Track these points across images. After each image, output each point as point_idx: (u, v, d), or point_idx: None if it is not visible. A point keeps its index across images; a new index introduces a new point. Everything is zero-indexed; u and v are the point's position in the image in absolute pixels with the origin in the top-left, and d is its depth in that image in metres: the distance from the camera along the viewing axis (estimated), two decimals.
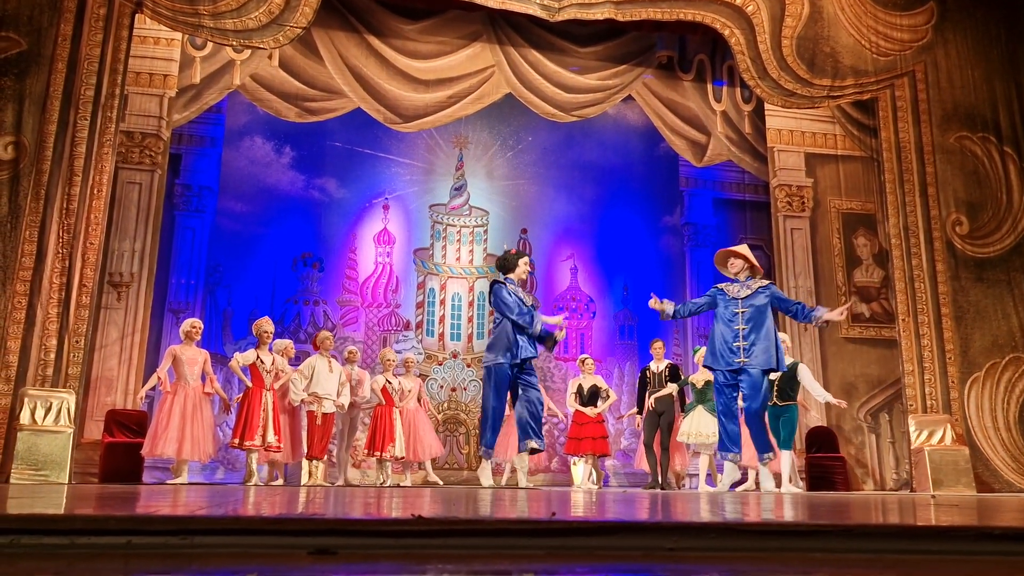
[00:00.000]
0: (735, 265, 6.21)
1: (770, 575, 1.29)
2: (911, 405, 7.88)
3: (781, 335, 7.43)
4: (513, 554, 1.40)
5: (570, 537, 1.44)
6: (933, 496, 4.94)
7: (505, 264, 6.35)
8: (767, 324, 5.98)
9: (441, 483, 8.30)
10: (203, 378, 7.04)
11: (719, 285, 6.31)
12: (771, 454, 6.12)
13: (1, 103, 6.68)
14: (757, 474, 6.74)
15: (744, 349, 5.94)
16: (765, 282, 6.21)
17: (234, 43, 7.94)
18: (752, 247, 10.35)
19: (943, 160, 8.40)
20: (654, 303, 6.31)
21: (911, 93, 8.58)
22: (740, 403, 6.17)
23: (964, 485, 7.24)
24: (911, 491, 7.64)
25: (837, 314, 6.20)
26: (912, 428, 7.66)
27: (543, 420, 6.72)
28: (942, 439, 7.47)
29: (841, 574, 1.33)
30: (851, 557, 1.43)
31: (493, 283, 6.35)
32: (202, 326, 7.25)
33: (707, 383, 7.83)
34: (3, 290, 6.39)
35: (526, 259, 6.37)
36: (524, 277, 6.36)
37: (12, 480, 5.89)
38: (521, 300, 6.19)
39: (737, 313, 6.04)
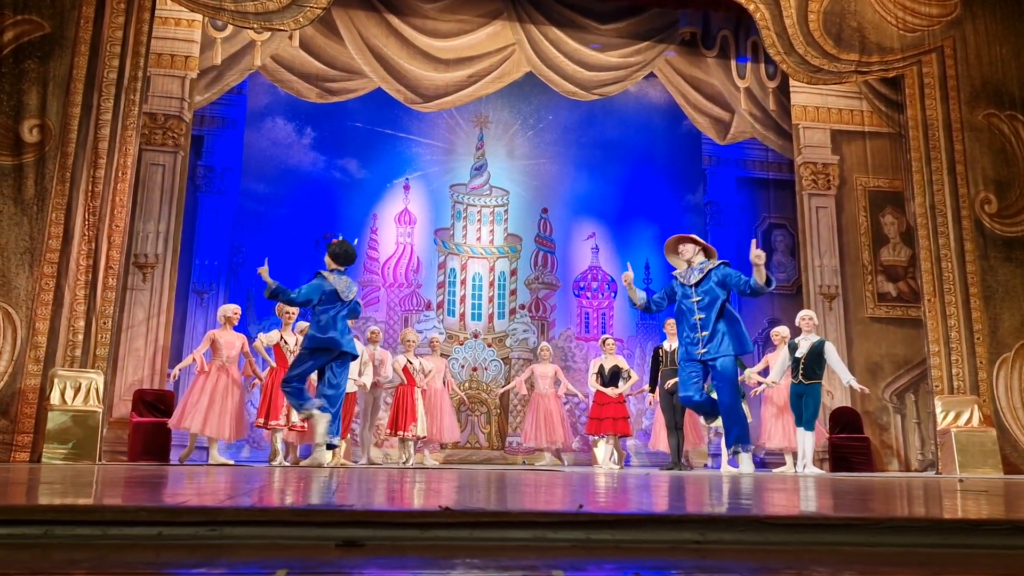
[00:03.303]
0: (686, 251, 5.76)
1: (800, 571, 1.28)
2: (937, 386, 7.80)
3: (806, 312, 7.39)
4: (541, 547, 1.40)
5: (597, 529, 1.43)
6: (960, 480, 4.90)
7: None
8: (724, 308, 5.59)
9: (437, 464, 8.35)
10: (240, 361, 7.11)
11: (675, 273, 5.87)
12: (749, 446, 5.78)
13: (25, 86, 6.72)
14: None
15: (704, 340, 5.57)
16: (715, 263, 5.69)
17: (255, 26, 7.93)
18: (776, 226, 10.39)
19: (971, 138, 8.25)
20: (628, 279, 5.82)
21: (939, 69, 8.41)
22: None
23: (991, 467, 7.17)
24: (937, 473, 7.58)
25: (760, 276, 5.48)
26: (938, 409, 7.59)
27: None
28: (969, 420, 7.40)
29: (872, 570, 1.31)
30: (881, 551, 1.42)
31: None
32: (240, 311, 7.30)
33: None
34: (31, 272, 6.47)
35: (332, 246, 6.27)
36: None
37: (44, 459, 6.00)
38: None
39: (693, 302, 5.65)
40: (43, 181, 6.61)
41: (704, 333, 5.53)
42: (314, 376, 6.29)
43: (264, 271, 5.92)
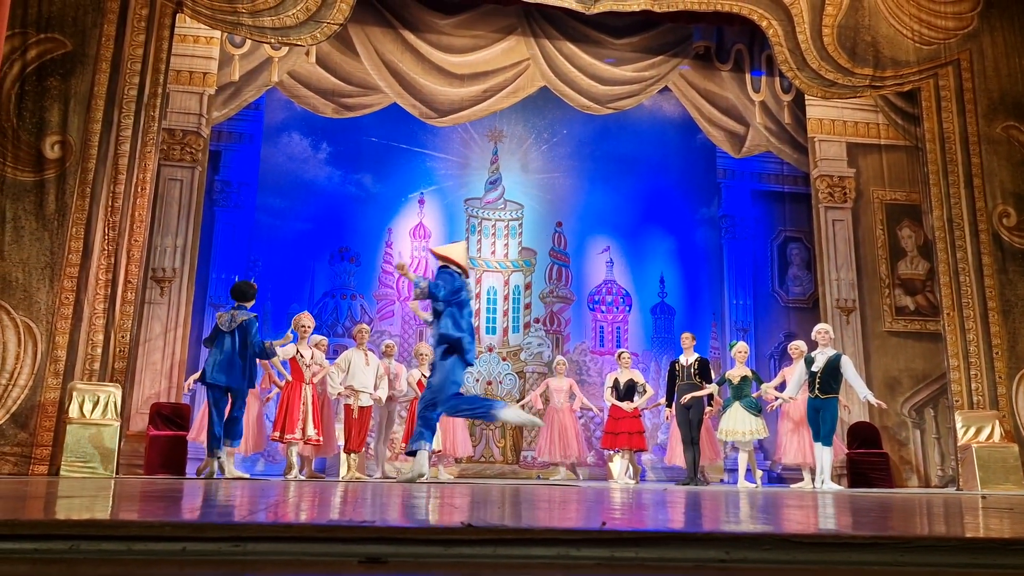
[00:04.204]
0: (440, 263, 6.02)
1: None
2: (957, 401, 7.71)
3: (822, 325, 7.36)
4: (565, 564, 1.40)
5: (621, 547, 1.43)
6: (983, 496, 4.84)
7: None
8: (441, 315, 5.80)
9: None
10: (259, 374, 7.13)
11: None
12: (419, 444, 5.69)
13: (47, 103, 6.81)
14: None
15: None
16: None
17: (272, 40, 8.02)
18: (792, 239, 10.35)
19: (989, 150, 8.19)
20: (402, 266, 6.18)
21: (956, 82, 8.37)
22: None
23: (1012, 483, 7.07)
24: (957, 489, 7.49)
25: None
26: (959, 424, 7.50)
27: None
28: (990, 436, 7.31)
29: None
30: (909, 571, 1.40)
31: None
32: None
33: (743, 379, 7.77)
34: (51, 287, 6.53)
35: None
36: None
37: (62, 472, 6.03)
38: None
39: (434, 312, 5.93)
40: (64, 197, 6.69)
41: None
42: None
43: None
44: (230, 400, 6.51)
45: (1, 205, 6.55)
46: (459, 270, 5.87)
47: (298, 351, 7.26)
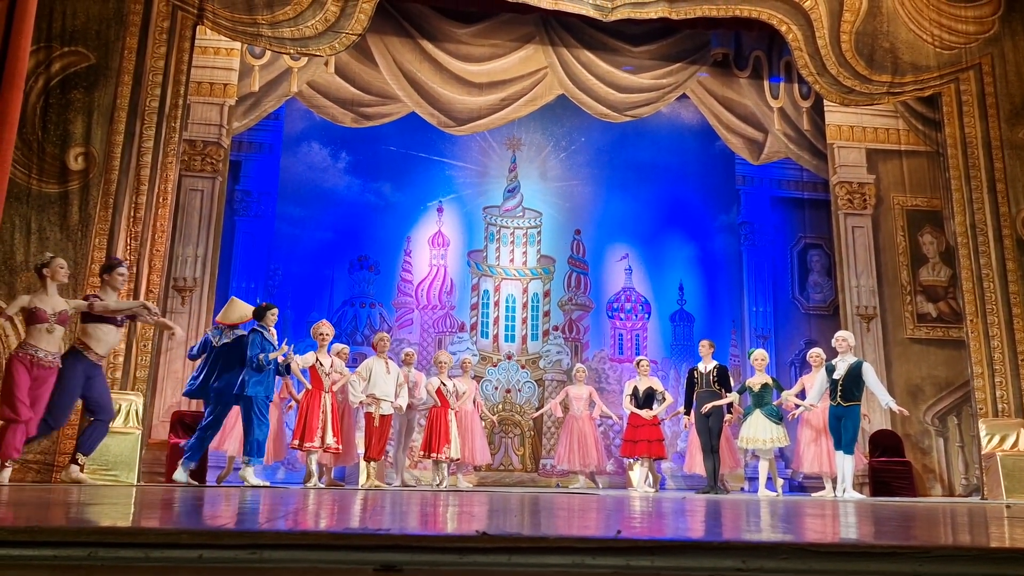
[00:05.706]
0: None
1: None
2: (981, 409, 7.61)
3: (843, 333, 7.31)
4: (580, 573, 1.39)
5: (636, 556, 1.42)
6: (1008, 506, 4.77)
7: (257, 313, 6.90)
8: None
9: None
10: (277, 383, 7.17)
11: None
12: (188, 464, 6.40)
13: (71, 115, 6.91)
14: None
15: None
16: None
17: (291, 51, 8.09)
18: (812, 246, 10.28)
19: (1012, 155, 8.10)
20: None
21: (977, 87, 8.30)
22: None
23: None
24: (982, 498, 7.38)
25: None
26: (983, 432, 7.41)
27: None
28: (1015, 444, 7.20)
29: None
30: None
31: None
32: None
33: (764, 386, 7.70)
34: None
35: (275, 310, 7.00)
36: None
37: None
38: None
39: None
40: (87, 207, 6.78)
41: None
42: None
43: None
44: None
45: (26, 216, 6.65)
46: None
47: (317, 359, 7.30)
